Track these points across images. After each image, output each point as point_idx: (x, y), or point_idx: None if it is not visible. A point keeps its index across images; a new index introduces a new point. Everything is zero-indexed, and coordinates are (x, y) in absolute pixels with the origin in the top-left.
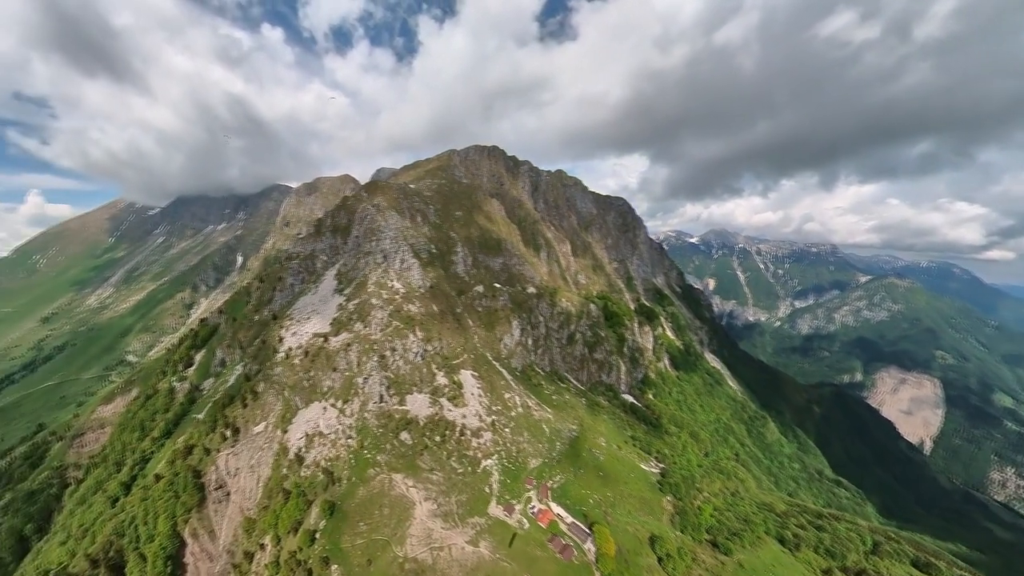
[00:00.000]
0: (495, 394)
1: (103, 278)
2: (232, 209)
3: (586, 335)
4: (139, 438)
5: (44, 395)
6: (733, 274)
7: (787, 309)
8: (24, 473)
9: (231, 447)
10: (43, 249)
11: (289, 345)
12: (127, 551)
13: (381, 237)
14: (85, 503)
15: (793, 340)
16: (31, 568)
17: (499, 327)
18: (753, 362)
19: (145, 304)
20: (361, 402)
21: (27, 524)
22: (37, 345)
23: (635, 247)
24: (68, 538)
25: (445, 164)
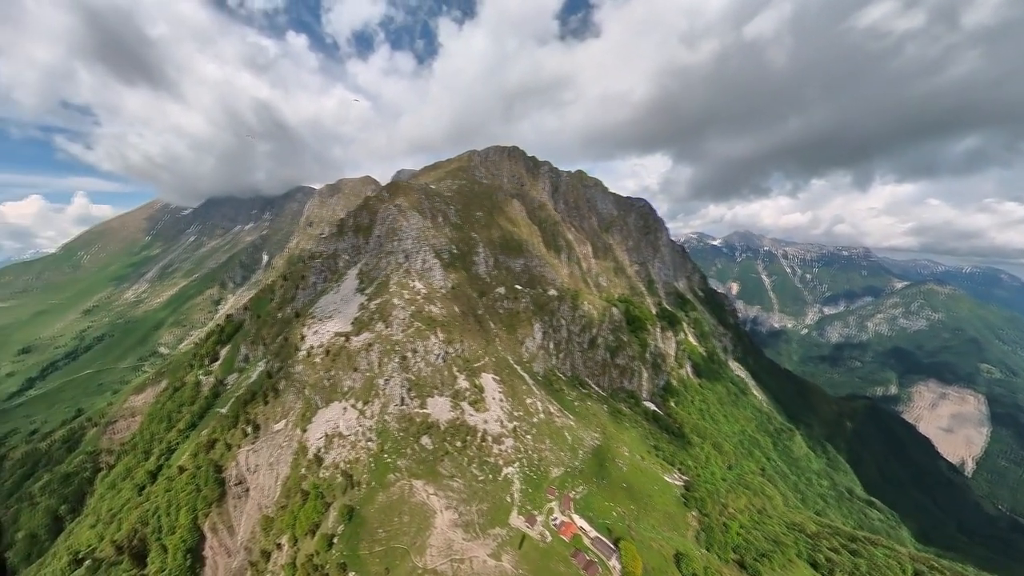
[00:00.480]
0: (516, 399)
1: (139, 274)
2: (259, 210)
3: (608, 340)
4: (166, 428)
5: (84, 382)
6: (758, 278)
7: (815, 316)
8: (61, 456)
9: (251, 444)
10: (87, 246)
11: (311, 344)
12: (150, 540)
13: (403, 237)
14: (115, 488)
15: (822, 349)
16: (63, 548)
17: (521, 330)
18: (779, 371)
19: (177, 299)
20: (382, 404)
21: (62, 505)
22: (79, 335)
23: (656, 249)
24: (98, 521)
25: (465, 165)
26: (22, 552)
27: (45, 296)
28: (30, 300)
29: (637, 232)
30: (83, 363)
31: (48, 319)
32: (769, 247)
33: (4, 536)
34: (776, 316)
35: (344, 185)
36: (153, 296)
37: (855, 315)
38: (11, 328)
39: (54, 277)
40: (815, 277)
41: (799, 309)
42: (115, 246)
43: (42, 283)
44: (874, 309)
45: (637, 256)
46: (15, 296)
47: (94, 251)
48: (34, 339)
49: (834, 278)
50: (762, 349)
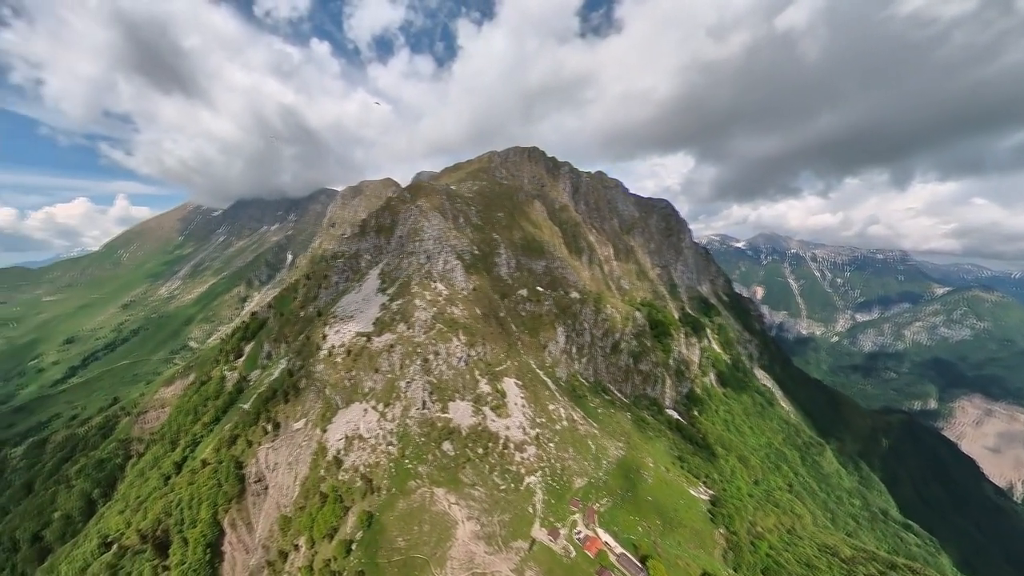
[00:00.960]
0: (539, 405)
1: (173, 271)
2: (284, 211)
3: (631, 345)
4: (192, 421)
5: (121, 372)
6: (784, 282)
7: (847, 323)
8: (97, 442)
9: (271, 442)
10: (126, 245)
11: (332, 343)
12: (172, 532)
13: (424, 238)
14: (143, 476)
15: (853, 358)
16: (94, 531)
17: (543, 333)
18: (808, 381)
19: (206, 296)
20: (403, 407)
21: (95, 489)
22: (117, 328)
23: (679, 252)
24: (126, 508)
25: (485, 166)
26: (57, 532)
27: (88, 291)
28: (75, 294)
29: (659, 234)
30: (120, 354)
31: (90, 312)
32: (797, 249)
33: (43, 515)
34: (804, 322)
35: (365, 187)
36: (185, 293)
37: (891, 323)
38: (58, 320)
39: (96, 273)
40: (847, 281)
41: (829, 315)
42: (151, 245)
43: (86, 279)
44: (912, 316)
45: (659, 259)
46: (62, 290)
47: (132, 249)
48: (77, 330)
49: (867, 283)
50: (789, 357)
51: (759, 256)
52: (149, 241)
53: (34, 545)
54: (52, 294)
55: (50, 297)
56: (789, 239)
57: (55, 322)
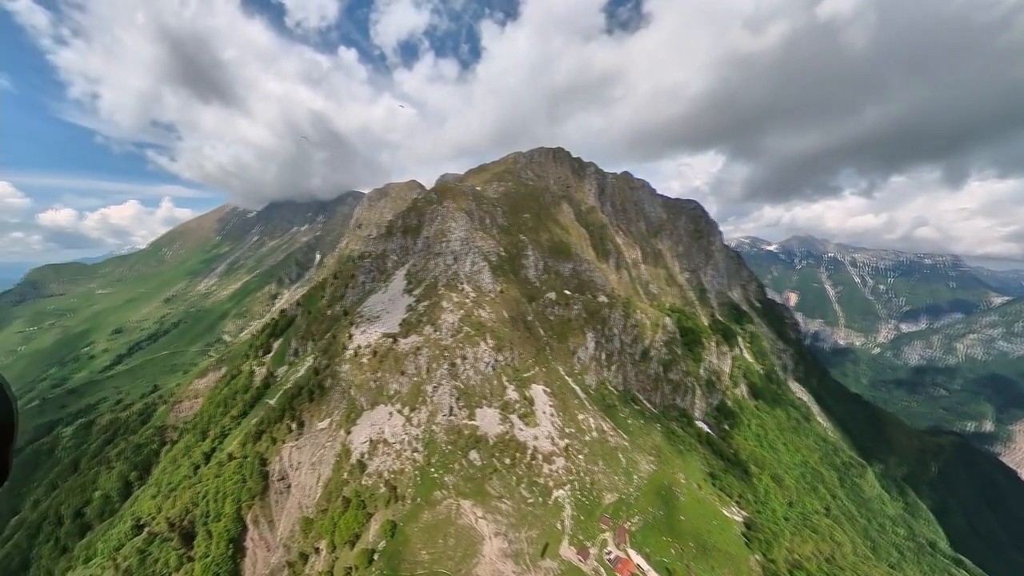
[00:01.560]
0: (568, 414)
1: (210, 269)
2: (313, 213)
3: (661, 353)
4: (222, 413)
5: (161, 361)
6: (820, 288)
7: (890, 333)
8: (136, 427)
9: (295, 440)
10: (169, 244)
11: (358, 343)
12: (198, 523)
13: (451, 239)
14: (175, 463)
15: (897, 372)
16: (128, 512)
17: (572, 338)
18: (847, 396)
19: (240, 292)
20: (429, 412)
21: (132, 471)
22: (160, 320)
23: (709, 255)
24: (158, 492)
25: (511, 167)
26: (97, 510)
27: (135, 285)
28: (124, 288)
29: (688, 237)
30: (161, 344)
31: (136, 305)
32: (834, 253)
33: (85, 493)
34: (842, 332)
35: (391, 189)
36: (221, 289)
37: (940, 334)
38: (108, 312)
39: (143, 269)
40: (890, 288)
41: (870, 325)
42: (192, 244)
43: (134, 274)
44: (965, 328)
45: (688, 263)
46: (112, 285)
47: (175, 248)
48: (124, 322)
49: (914, 290)
50: (826, 369)
51: (792, 260)
52: (190, 240)
53: (76, 521)
54: (104, 288)
55: (102, 290)
56: (826, 242)
57: (105, 313)
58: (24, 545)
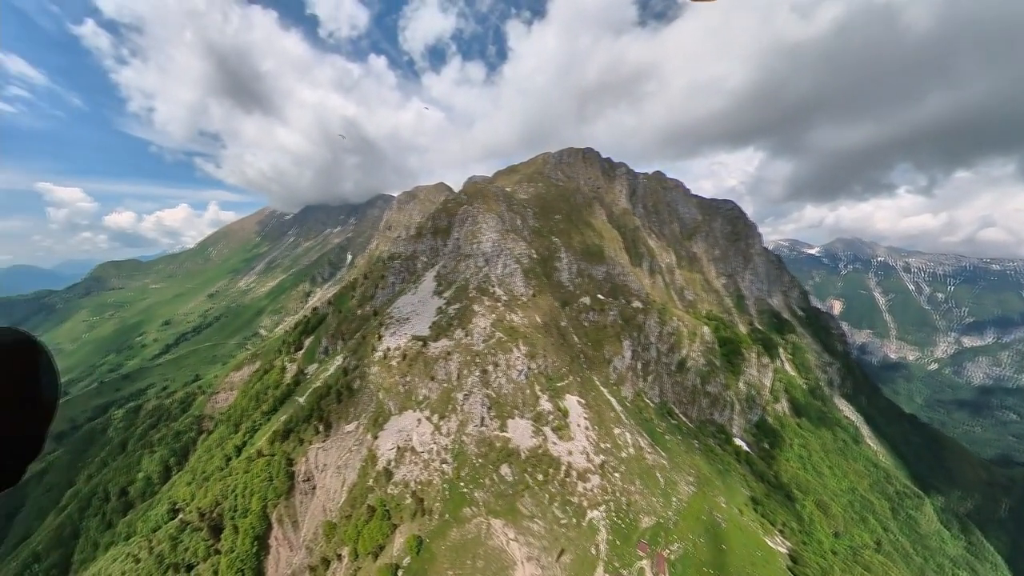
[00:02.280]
0: (603, 428)
1: (250, 268)
2: (346, 215)
3: (699, 363)
4: (254, 407)
5: (204, 352)
6: (868, 296)
7: (949, 347)
8: (177, 414)
9: (322, 442)
10: (214, 243)
11: (387, 345)
12: (226, 517)
13: (482, 240)
14: (209, 452)
15: (958, 391)
16: (165, 496)
17: (608, 346)
18: (901, 416)
19: (276, 290)
20: (460, 421)
21: (171, 456)
22: (203, 314)
23: (748, 259)
24: (192, 480)
25: (540, 168)
26: (139, 490)
27: (184, 281)
28: (174, 284)
29: (724, 240)
30: (204, 337)
31: (183, 299)
32: (885, 257)
33: (130, 473)
34: (893, 344)
35: (419, 192)
36: (259, 286)
37: (1011, 350)
38: (159, 305)
39: (190, 267)
40: (950, 297)
41: (926, 337)
42: (234, 244)
43: (183, 271)
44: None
45: (724, 267)
46: (164, 280)
47: (219, 248)
48: (173, 314)
49: (979, 299)
50: (878, 386)
51: (837, 264)
52: (233, 241)
53: (120, 498)
54: (157, 283)
55: (155, 285)
56: (875, 245)
57: (157, 306)
58: (76, 517)
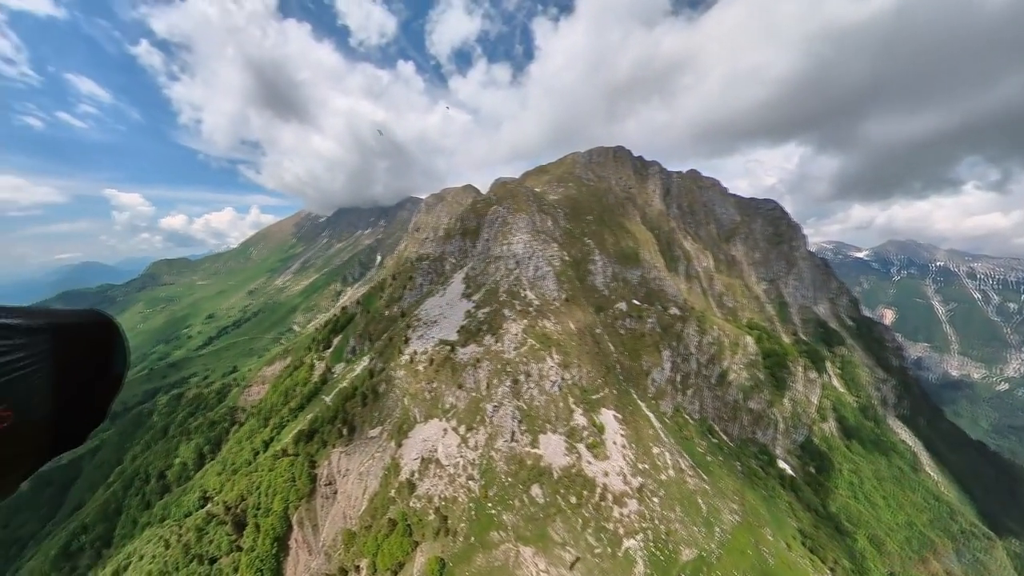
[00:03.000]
0: (641, 447)
1: (286, 267)
2: (376, 217)
3: (741, 377)
4: (282, 403)
5: (242, 345)
6: (925, 305)
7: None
8: (213, 404)
9: (345, 446)
10: (255, 244)
11: (414, 348)
12: (249, 515)
13: (512, 242)
14: (239, 444)
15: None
16: (197, 483)
17: (646, 356)
18: (967, 443)
19: (309, 288)
20: (488, 435)
21: (206, 445)
22: (243, 309)
23: (792, 264)
24: (223, 470)
25: (569, 168)
26: (176, 474)
27: (227, 279)
28: (218, 281)
29: (765, 242)
30: (243, 331)
31: (226, 296)
32: (945, 261)
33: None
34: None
35: (446, 194)
36: (293, 285)
37: None
38: (204, 300)
39: (233, 266)
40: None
41: (994, 353)
42: (272, 245)
43: (226, 269)
44: None
45: (765, 272)
46: (209, 277)
47: (259, 248)
48: (216, 309)
49: None
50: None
51: (888, 269)
52: (271, 242)
53: (159, 481)
54: (203, 280)
55: (201, 282)
56: (934, 248)
57: (202, 301)
58: (120, 494)
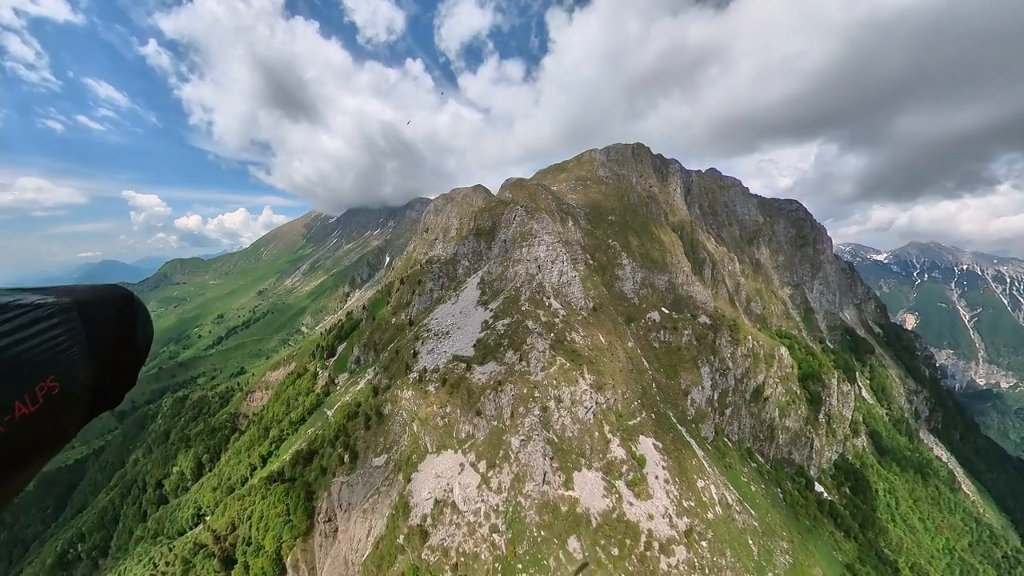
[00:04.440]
0: (685, 480)
1: (296, 268)
2: (385, 218)
3: (777, 391)
4: (284, 412)
5: (250, 345)
6: (949, 309)
7: None
8: (215, 409)
9: (347, 475)
10: (266, 244)
11: (424, 364)
12: (239, 550)
13: (533, 243)
14: (238, 456)
15: None
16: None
17: (684, 374)
18: (1006, 459)
19: (318, 290)
20: (515, 475)
21: (205, 453)
22: (252, 310)
23: (817, 268)
24: (218, 485)
25: (587, 165)
26: (173, 484)
27: (237, 279)
28: (229, 281)
29: (788, 244)
30: (252, 331)
31: (236, 296)
32: (970, 264)
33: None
34: (981, 368)
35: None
36: (302, 286)
37: None
38: (214, 300)
39: (244, 266)
40: None
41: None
42: (283, 245)
43: (237, 269)
44: None
45: (790, 276)
46: (221, 277)
47: (270, 249)
48: (226, 309)
49: None
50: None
51: (909, 273)
52: (282, 242)
53: (156, 490)
54: (214, 279)
55: (213, 282)
56: (958, 251)
57: (212, 301)
58: (118, 503)
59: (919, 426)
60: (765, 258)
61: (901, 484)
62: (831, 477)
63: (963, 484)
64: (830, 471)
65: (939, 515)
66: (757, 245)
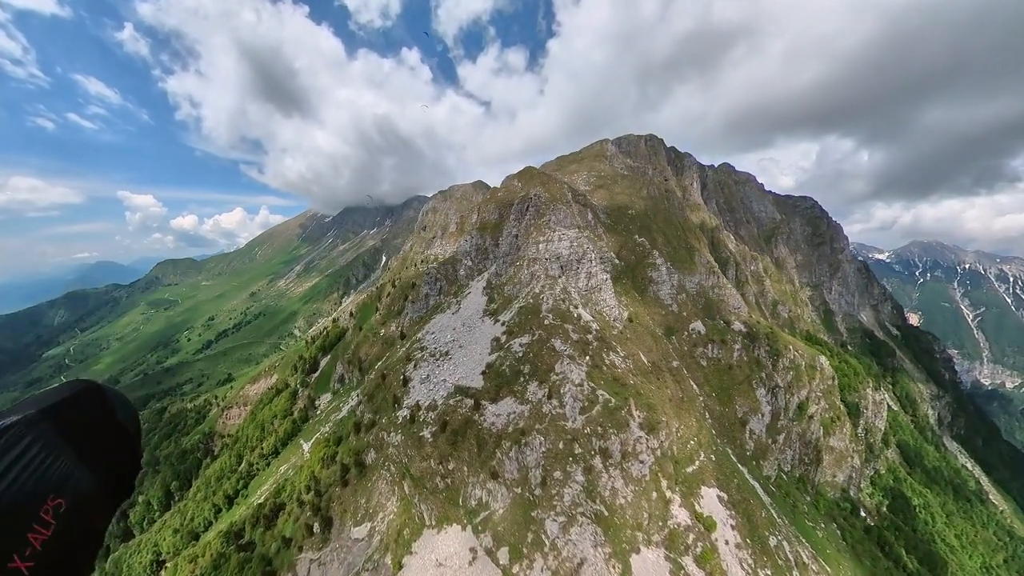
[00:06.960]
0: (758, 541)
1: (290, 269)
2: (382, 217)
3: (820, 406)
4: (258, 438)
5: (239, 349)
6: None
7: None
8: (190, 427)
9: (317, 550)
10: (260, 244)
11: (416, 398)
12: None
13: (552, 237)
14: (207, 488)
15: None
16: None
17: (739, 398)
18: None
19: (311, 292)
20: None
21: (174, 481)
22: (244, 312)
23: (835, 267)
24: (180, 528)
25: (599, 156)
26: (139, 516)
27: (230, 280)
28: (222, 282)
29: (805, 243)
30: (243, 334)
31: (228, 298)
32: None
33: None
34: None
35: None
36: (296, 288)
37: None
38: (206, 302)
39: (238, 267)
40: None
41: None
42: (277, 246)
43: (230, 270)
44: None
45: (808, 276)
46: (214, 278)
47: (264, 249)
48: (217, 311)
49: None
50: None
51: (912, 272)
52: (277, 242)
53: (120, 523)
54: (207, 281)
55: (206, 283)
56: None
57: (203, 303)
58: None
59: (942, 433)
60: (785, 257)
61: (932, 497)
62: (867, 495)
63: (990, 494)
64: (866, 488)
65: (972, 530)
66: (775, 244)
